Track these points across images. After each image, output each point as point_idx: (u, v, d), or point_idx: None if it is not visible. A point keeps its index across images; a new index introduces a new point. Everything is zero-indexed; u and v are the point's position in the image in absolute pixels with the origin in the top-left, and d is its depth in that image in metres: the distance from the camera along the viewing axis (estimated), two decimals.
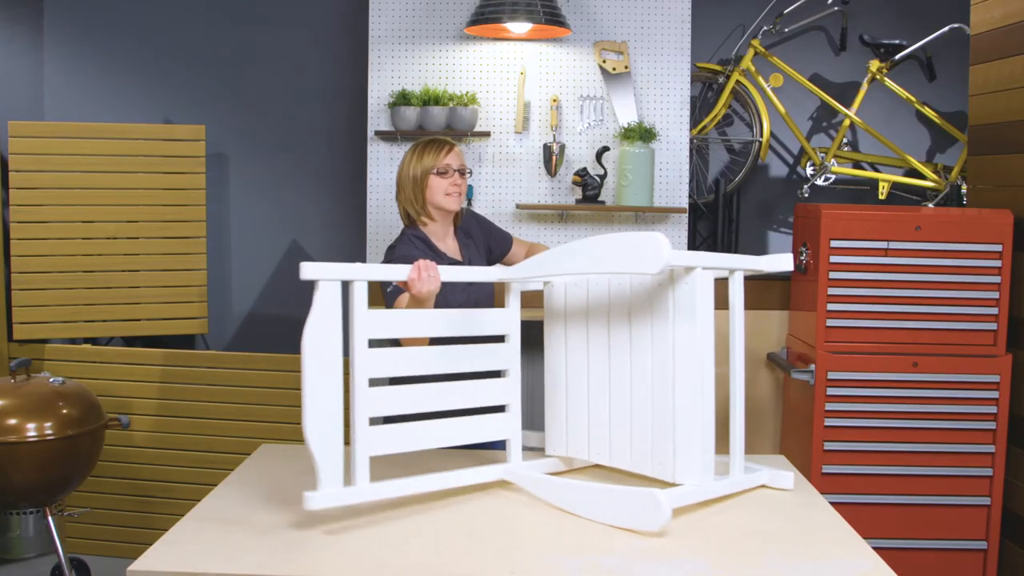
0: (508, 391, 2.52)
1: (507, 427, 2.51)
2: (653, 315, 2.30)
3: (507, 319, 2.55)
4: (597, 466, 2.56)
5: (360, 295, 2.20)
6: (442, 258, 2.79)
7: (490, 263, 2.92)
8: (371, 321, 2.24)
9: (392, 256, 2.76)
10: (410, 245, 2.76)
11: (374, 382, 2.23)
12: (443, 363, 2.39)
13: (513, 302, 2.57)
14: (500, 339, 2.53)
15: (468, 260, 2.87)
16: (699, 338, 2.21)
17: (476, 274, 2.54)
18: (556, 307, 2.58)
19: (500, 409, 2.52)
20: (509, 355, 2.53)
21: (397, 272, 2.36)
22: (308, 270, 2.12)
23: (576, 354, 2.52)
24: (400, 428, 2.30)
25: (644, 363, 2.33)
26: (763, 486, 2.46)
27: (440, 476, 2.34)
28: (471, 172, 2.96)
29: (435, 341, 2.47)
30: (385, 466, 2.32)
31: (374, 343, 2.24)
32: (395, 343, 2.53)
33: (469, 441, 2.43)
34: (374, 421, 2.24)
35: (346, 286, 2.19)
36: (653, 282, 2.30)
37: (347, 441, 2.19)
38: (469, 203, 4.14)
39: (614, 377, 2.41)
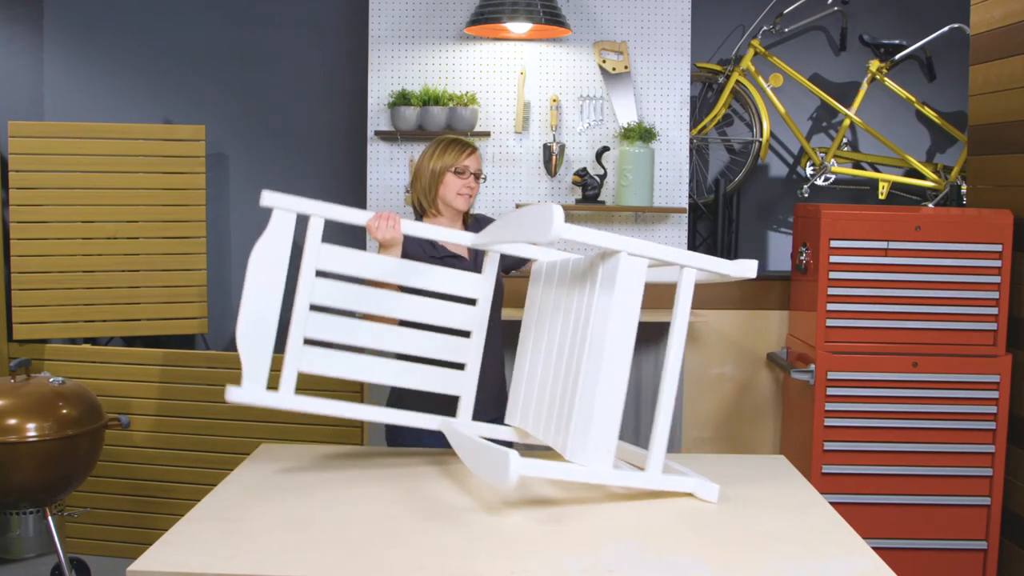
0: (469, 351, 2.56)
1: (459, 383, 2.54)
2: (583, 295, 2.33)
3: (478, 283, 2.61)
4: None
5: (315, 229, 2.42)
6: (441, 252, 2.81)
7: (505, 270, 2.95)
8: (322, 252, 2.42)
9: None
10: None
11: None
12: (399, 309, 2.49)
13: (489, 269, 2.64)
14: (472, 302, 2.60)
15: (473, 260, 2.89)
16: (613, 321, 2.18)
17: (441, 234, 2.61)
18: (534, 284, 2.67)
19: (460, 367, 2.57)
20: (476, 318, 2.58)
21: (357, 216, 2.51)
22: (267, 198, 2.40)
23: (531, 329, 2.59)
24: (339, 354, 2.42)
25: (564, 340, 2.37)
26: (690, 495, 2.36)
27: (368, 408, 2.45)
28: (485, 178, 3.06)
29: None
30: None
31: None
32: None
33: (409, 386, 2.49)
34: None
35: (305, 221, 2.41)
36: (595, 264, 2.32)
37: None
38: None
39: (544, 351, 2.47)
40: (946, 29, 4.49)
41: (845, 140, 4.67)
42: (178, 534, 2.04)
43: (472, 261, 2.88)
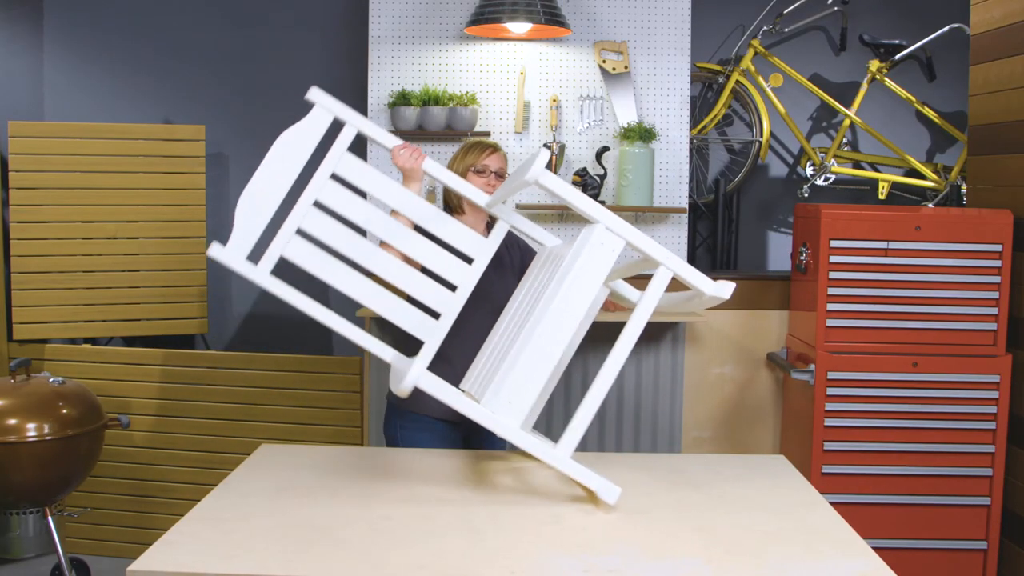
0: (450, 305, 2.59)
1: (428, 330, 2.56)
2: (553, 270, 2.35)
3: (482, 245, 2.65)
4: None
5: (345, 136, 2.53)
6: None
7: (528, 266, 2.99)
8: (345, 158, 2.52)
9: None
10: None
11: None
12: (400, 240, 2.56)
13: (495, 236, 2.69)
14: (469, 261, 2.65)
15: (497, 258, 2.94)
16: (566, 286, 2.19)
17: (447, 178, 2.67)
18: (529, 270, 2.70)
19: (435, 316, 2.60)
20: (468, 276, 2.61)
21: (387, 137, 2.62)
22: (314, 93, 2.51)
23: (509, 307, 2.62)
24: (324, 255, 2.48)
25: (522, 307, 2.41)
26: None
27: (335, 317, 2.49)
28: (506, 176, 3.11)
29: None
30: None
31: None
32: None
33: (379, 311, 2.53)
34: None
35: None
36: (575, 244, 2.34)
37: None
38: None
39: (506, 321, 2.52)
40: (946, 29, 4.49)
41: (845, 140, 4.67)
42: (178, 534, 2.04)
43: (497, 259, 2.93)
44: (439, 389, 2.23)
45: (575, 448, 2.26)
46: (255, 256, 2.54)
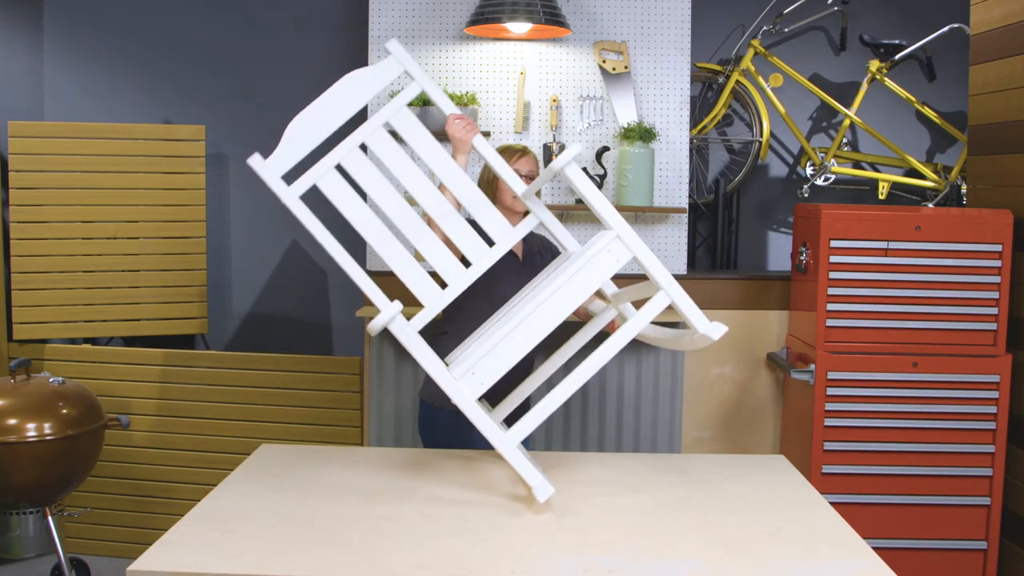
0: (460, 276, 2.58)
1: (431, 295, 2.55)
2: (566, 264, 2.39)
3: (508, 232, 2.63)
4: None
5: (409, 91, 2.59)
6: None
7: None
8: (402, 112, 2.59)
9: None
10: None
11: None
12: (429, 200, 2.58)
13: (522, 227, 2.67)
14: (491, 243, 2.65)
15: (527, 264, 2.95)
16: (566, 285, 2.21)
17: (492, 158, 2.66)
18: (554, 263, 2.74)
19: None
20: (485, 255, 2.61)
21: (446, 103, 2.67)
22: (393, 46, 2.58)
23: (520, 294, 2.67)
24: (353, 198, 2.54)
25: (526, 293, 2.47)
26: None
27: (347, 258, 2.52)
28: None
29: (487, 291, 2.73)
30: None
31: None
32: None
33: (387, 262, 2.53)
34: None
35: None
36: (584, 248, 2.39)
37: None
38: None
39: (510, 304, 2.58)
40: (946, 29, 4.49)
41: (845, 140, 4.66)
42: (178, 534, 2.04)
43: (526, 264, 2.94)
44: (407, 336, 2.25)
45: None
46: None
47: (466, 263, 2.62)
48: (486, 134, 4.08)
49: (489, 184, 2.94)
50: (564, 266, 2.34)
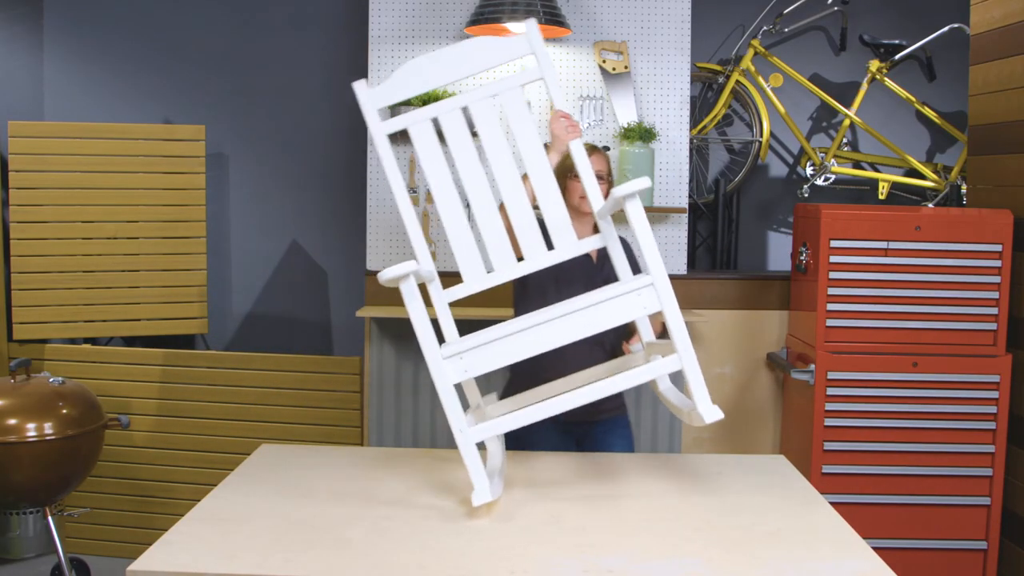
0: (507, 267, 2.54)
1: (474, 272, 2.54)
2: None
3: (570, 243, 2.57)
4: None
5: (526, 75, 2.52)
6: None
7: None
8: (510, 91, 2.53)
9: None
10: None
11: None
12: (509, 185, 2.53)
13: (586, 243, 2.61)
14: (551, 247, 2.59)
15: (600, 267, 2.91)
16: (586, 313, 2.20)
17: (581, 168, 2.60)
18: None
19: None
20: (540, 257, 2.56)
21: (558, 95, 2.56)
22: (531, 24, 2.50)
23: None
24: (437, 153, 2.51)
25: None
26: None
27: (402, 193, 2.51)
28: (612, 180, 3.03)
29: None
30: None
31: None
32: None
33: (446, 228, 2.52)
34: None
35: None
36: None
37: None
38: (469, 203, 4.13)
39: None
40: (946, 29, 4.49)
41: (845, 140, 4.66)
42: (178, 534, 2.04)
43: (598, 266, 2.90)
44: (412, 297, 2.20)
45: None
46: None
47: (519, 259, 2.58)
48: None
49: (558, 179, 2.83)
50: (597, 292, 2.29)
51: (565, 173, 2.82)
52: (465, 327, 2.54)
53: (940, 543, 3.66)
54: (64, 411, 3.44)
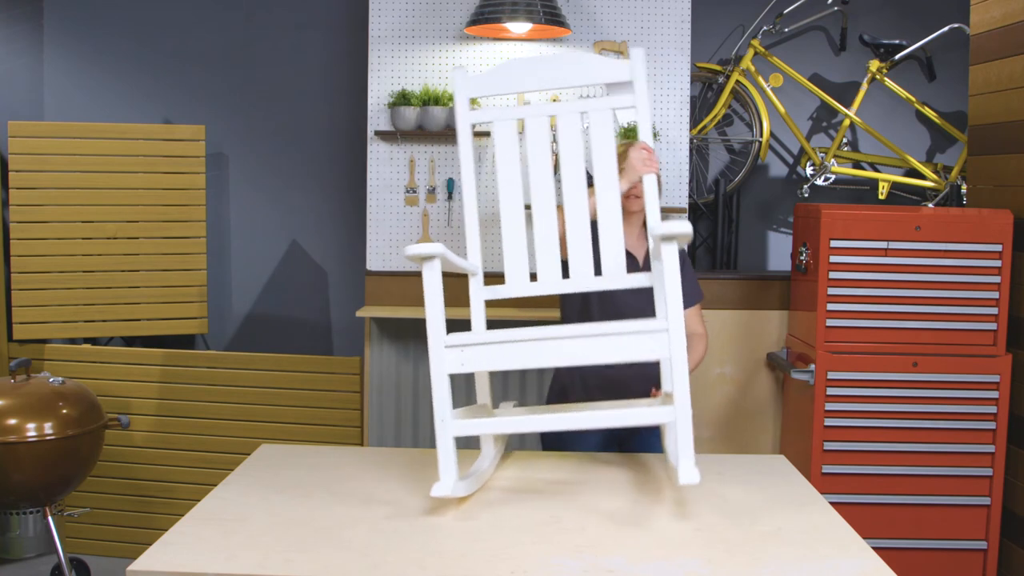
0: (552, 280, 2.54)
1: (518, 277, 2.54)
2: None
3: (617, 271, 2.55)
4: None
5: (615, 100, 2.51)
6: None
7: None
8: (600, 111, 2.51)
9: None
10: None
11: None
12: (574, 196, 2.52)
13: (638, 279, 2.58)
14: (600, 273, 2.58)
15: (648, 267, 2.87)
16: (594, 341, 2.19)
17: (651, 202, 2.54)
18: None
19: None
20: (586, 281, 2.55)
21: (647, 130, 2.55)
22: (636, 53, 2.46)
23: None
24: (512, 152, 2.53)
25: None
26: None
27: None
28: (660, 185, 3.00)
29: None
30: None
31: None
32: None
33: (503, 224, 2.52)
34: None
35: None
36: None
37: None
38: None
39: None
40: (946, 29, 4.49)
41: (845, 140, 4.66)
42: (178, 534, 2.04)
43: (645, 269, 2.89)
44: (433, 281, 2.18)
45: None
46: None
47: (563, 259, 2.58)
48: (486, 134, 4.08)
49: None
50: (612, 324, 2.25)
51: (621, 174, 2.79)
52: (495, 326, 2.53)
53: (940, 543, 3.66)
54: (64, 411, 3.44)
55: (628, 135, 3.97)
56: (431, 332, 2.20)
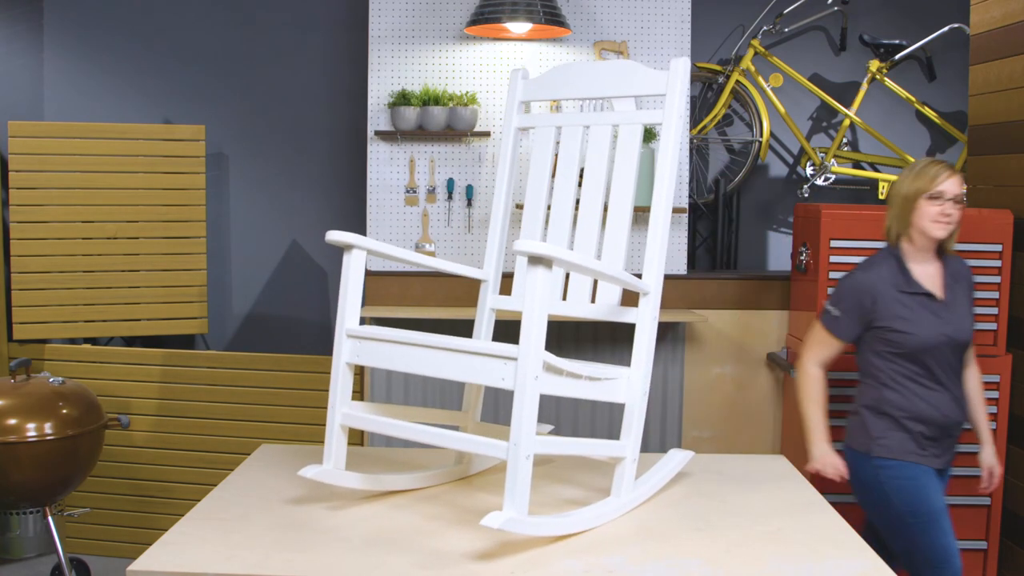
0: (557, 307, 2.48)
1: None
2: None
3: (605, 314, 2.46)
4: None
5: (651, 115, 2.41)
6: (910, 282, 2.75)
7: (865, 328, 2.91)
8: (631, 129, 2.44)
9: (858, 275, 2.84)
10: (882, 264, 2.79)
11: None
12: (591, 204, 2.47)
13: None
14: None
15: (951, 299, 2.78)
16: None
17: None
18: None
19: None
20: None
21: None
22: (681, 64, 2.35)
23: None
24: (548, 151, 2.53)
25: None
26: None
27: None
28: (964, 201, 2.80)
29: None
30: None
31: None
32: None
33: (525, 222, 2.53)
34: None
35: None
36: None
37: None
38: (469, 203, 4.14)
39: None
40: (946, 29, 4.49)
41: (845, 140, 4.66)
42: (178, 534, 2.04)
43: (947, 301, 2.77)
44: (349, 269, 2.19)
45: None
46: None
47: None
48: (486, 134, 4.08)
49: (906, 202, 2.73)
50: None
51: (915, 198, 2.71)
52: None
53: None
54: (64, 411, 3.44)
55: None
56: (339, 319, 2.22)
